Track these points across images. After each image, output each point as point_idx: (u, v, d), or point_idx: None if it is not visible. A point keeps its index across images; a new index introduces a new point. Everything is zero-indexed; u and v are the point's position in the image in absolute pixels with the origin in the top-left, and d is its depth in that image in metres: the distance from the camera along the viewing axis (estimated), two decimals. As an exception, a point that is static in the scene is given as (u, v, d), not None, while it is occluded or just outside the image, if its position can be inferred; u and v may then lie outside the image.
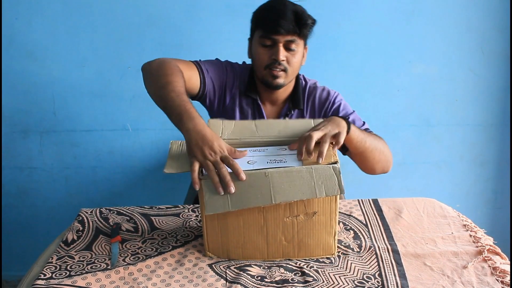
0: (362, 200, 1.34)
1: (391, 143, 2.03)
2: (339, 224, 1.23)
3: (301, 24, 1.32)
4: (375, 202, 1.33)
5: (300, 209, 1.04)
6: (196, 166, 1.01)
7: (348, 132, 1.14)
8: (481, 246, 1.13)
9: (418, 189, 2.13)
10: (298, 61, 1.37)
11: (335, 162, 1.02)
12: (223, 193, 0.99)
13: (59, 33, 1.86)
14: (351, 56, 1.92)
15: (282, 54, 1.33)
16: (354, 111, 1.47)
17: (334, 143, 1.08)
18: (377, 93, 1.98)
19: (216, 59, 1.47)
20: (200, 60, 1.42)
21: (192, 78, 1.35)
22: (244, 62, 1.52)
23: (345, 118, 1.17)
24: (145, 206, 1.32)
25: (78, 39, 1.87)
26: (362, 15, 1.88)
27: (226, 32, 1.87)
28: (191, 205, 1.32)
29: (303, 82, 1.49)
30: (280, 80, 1.37)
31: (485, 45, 1.92)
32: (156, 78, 1.21)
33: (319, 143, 1.05)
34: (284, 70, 1.35)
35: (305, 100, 1.47)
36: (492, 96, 2.00)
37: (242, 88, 1.45)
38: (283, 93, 1.44)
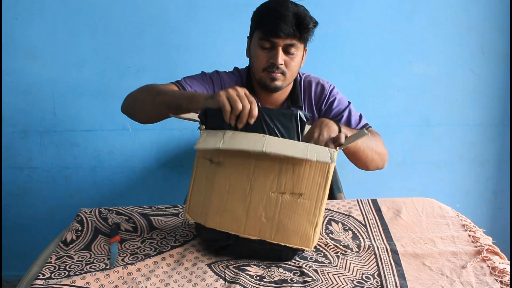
0: (361, 200, 1.34)
1: (391, 143, 2.04)
2: (337, 224, 1.23)
3: (302, 28, 1.30)
4: (374, 202, 1.33)
5: (288, 185, 1.02)
6: (226, 103, 1.02)
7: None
8: (480, 246, 1.12)
9: (417, 189, 2.13)
10: (296, 64, 1.36)
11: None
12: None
13: (59, 33, 1.86)
14: (351, 56, 1.92)
15: (281, 58, 1.31)
16: (349, 103, 1.46)
17: (335, 145, 1.08)
18: (377, 93, 1.98)
19: (202, 72, 1.46)
20: (182, 78, 1.41)
21: None
22: (235, 68, 1.50)
23: (335, 120, 1.16)
24: (144, 206, 1.32)
25: (78, 39, 1.87)
26: (362, 15, 1.88)
27: (226, 32, 1.87)
28: (191, 205, 1.32)
29: (298, 77, 1.47)
30: (278, 83, 1.35)
31: (485, 45, 1.92)
32: (146, 94, 1.25)
33: None
34: (283, 73, 1.34)
35: (302, 96, 1.46)
36: (492, 96, 2.00)
37: None
38: (282, 94, 1.43)
